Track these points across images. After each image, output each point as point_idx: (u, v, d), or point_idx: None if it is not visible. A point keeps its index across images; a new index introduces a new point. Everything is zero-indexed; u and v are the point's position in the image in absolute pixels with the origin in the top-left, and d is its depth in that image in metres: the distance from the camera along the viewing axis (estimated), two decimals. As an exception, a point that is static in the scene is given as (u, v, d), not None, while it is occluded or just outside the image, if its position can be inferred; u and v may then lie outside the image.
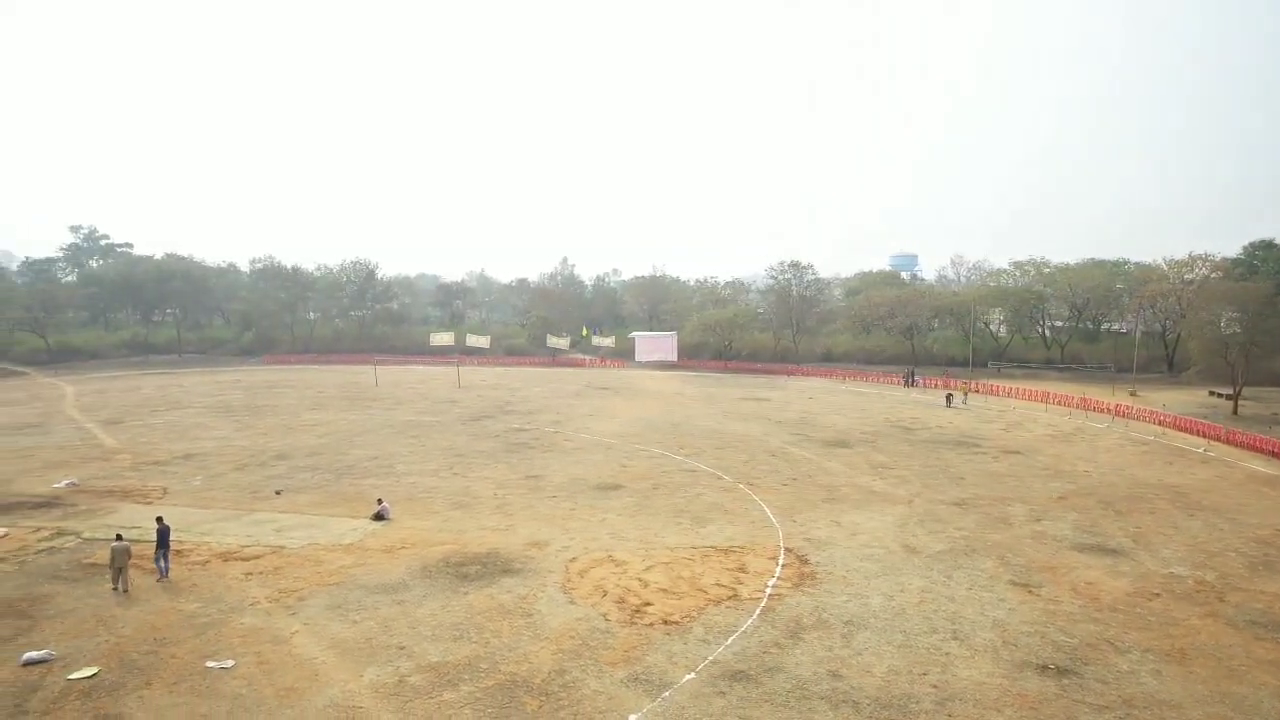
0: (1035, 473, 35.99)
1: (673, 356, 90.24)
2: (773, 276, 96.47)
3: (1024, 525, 27.74)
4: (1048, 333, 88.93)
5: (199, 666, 16.94)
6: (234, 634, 18.63)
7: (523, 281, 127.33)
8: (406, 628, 18.86)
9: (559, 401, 60.42)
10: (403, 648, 17.78)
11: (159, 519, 23.17)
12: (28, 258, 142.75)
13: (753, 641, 18.10)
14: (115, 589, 21.41)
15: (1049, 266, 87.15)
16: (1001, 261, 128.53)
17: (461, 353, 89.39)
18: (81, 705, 15.42)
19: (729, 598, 20.73)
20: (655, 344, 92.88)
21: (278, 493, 32.29)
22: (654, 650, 17.60)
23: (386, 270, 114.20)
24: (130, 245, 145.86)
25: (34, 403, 62.84)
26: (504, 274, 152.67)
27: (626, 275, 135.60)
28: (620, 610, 19.84)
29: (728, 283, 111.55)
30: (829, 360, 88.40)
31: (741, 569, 22.97)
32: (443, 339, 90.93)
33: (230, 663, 17.07)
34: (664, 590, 21.23)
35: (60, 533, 26.82)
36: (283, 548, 25.07)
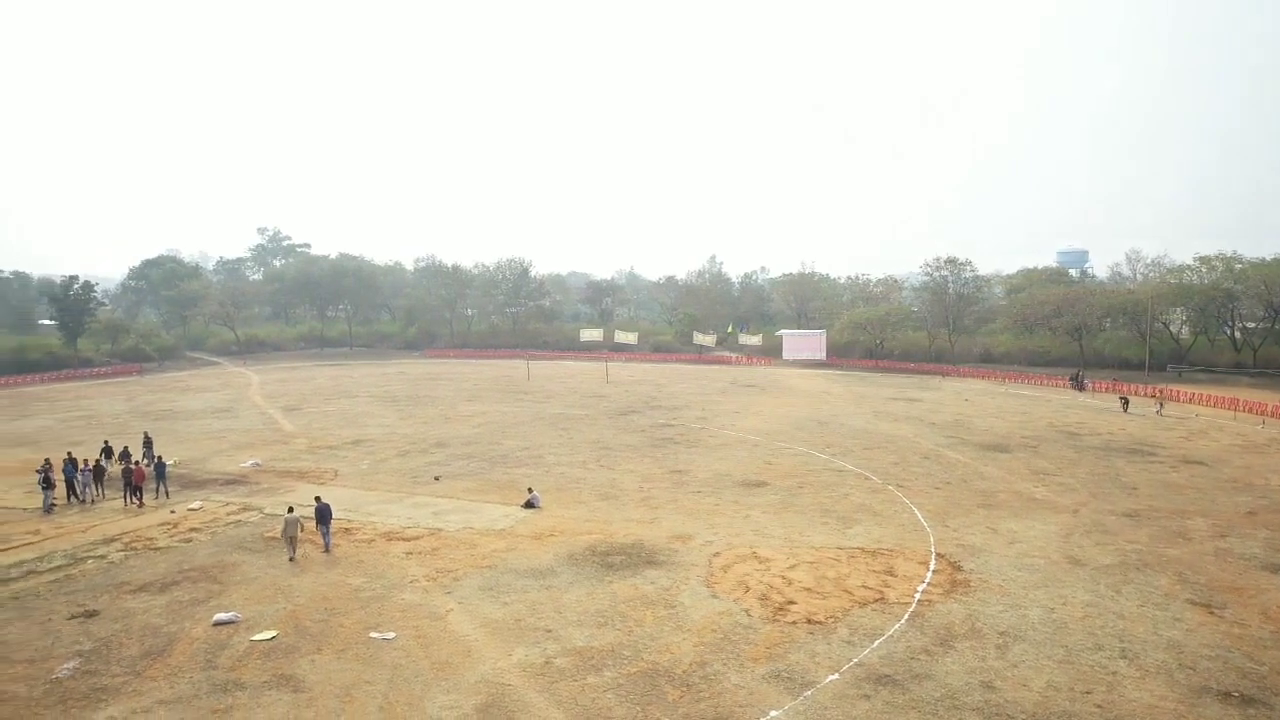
0: (1220, 485, 33.09)
1: (821, 355, 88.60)
2: (928, 273, 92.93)
3: (1205, 541, 25.55)
4: (1238, 334, 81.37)
5: (363, 636, 18.08)
6: (395, 608, 19.76)
7: (670, 279, 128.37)
8: (553, 612, 19.44)
9: (704, 398, 60.56)
10: (550, 631, 18.35)
11: (317, 498, 25.27)
12: (222, 258, 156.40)
13: (900, 646, 17.57)
14: (290, 557, 23.39)
15: (1241, 262, 79.60)
16: (1184, 257, 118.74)
17: (610, 349, 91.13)
18: (261, 664, 16.78)
19: (875, 600, 20.19)
20: (803, 342, 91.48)
21: (436, 479, 33.98)
22: (796, 649, 17.39)
23: (539, 269, 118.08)
24: (308, 245, 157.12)
25: (225, 390, 68.77)
26: (652, 272, 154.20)
27: (774, 273, 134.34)
28: (763, 607, 19.71)
29: (880, 280, 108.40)
30: (987, 361, 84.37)
31: (889, 572, 22.32)
32: (592, 335, 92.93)
33: (392, 635, 18.12)
34: (808, 589, 20.92)
35: (246, 508, 29.25)
36: (440, 530, 26.37)
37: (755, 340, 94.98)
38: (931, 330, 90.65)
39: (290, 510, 24.70)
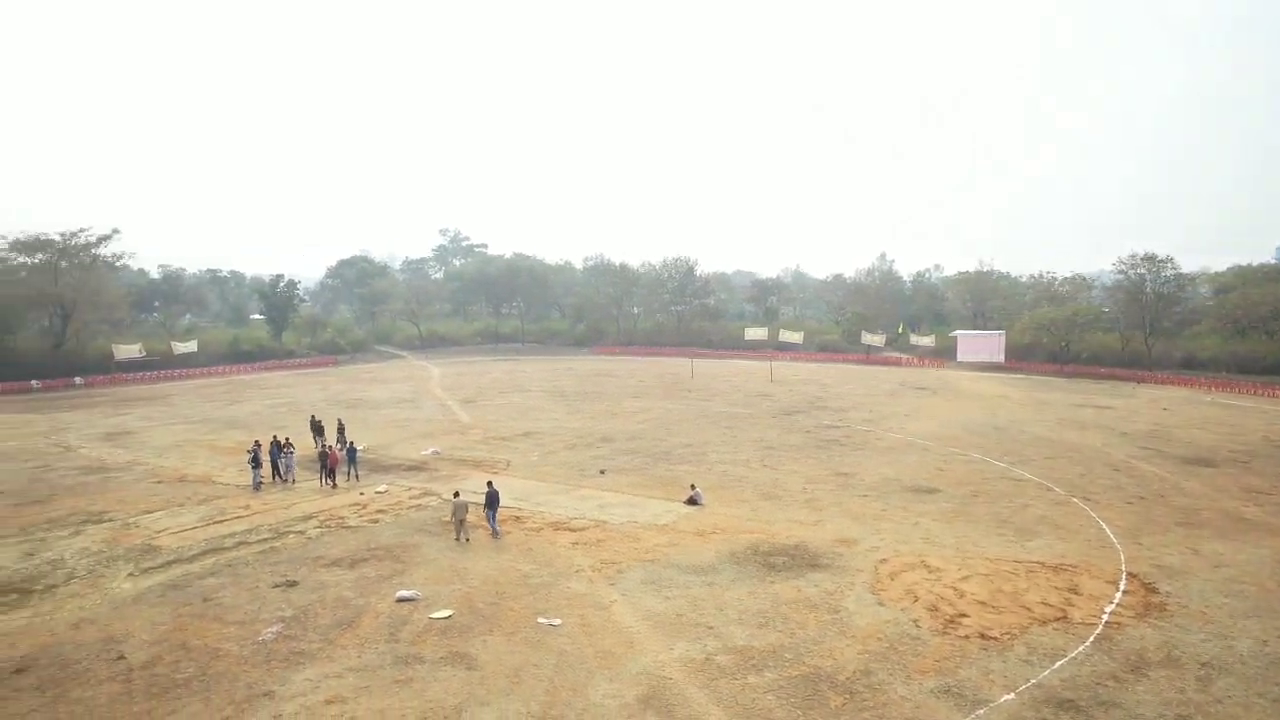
0: None
1: (999, 357, 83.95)
2: (1121, 271, 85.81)
3: None
4: None
5: (531, 621, 18.78)
6: (561, 596, 20.40)
7: (838, 277, 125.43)
8: (714, 609, 19.47)
9: (872, 400, 58.84)
10: (711, 628, 18.39)
11: (489, 484, 26.66)
12: (407, 258, 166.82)
13: (1084, 670, 16.41)
14: (458, 539, 24.81)
15: None
16: None
17: (774, 348, 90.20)
18: (438, 641, 17.77)
19: (1057, 619, 18.95)
20: (980, 343, 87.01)
21: (602, 472, 34.80)
22: (968, 664, 16.60)
23: (704, 267, 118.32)
24: (485, 245, 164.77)
25: (408, 381, 73.22)
26: (819, 270, 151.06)
27: (949, 271, 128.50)
28: (932, 618, 18.93)
29: (1066, 278, 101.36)
30: (1189, 367, 77.27)
31: (1073, 590, 20.89)
32: (756, 334, 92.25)
33: (558, 621, 18.73)
34: (982, 603, 19.92)
35: (426, 493, 31.04)
36: (605, 523, 26.99)
37: (927, 341, 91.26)
38: (1125, 332, 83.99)
39: (457, 495, 26.34)
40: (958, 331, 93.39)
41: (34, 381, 71.53)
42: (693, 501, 29.31)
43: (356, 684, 15.81)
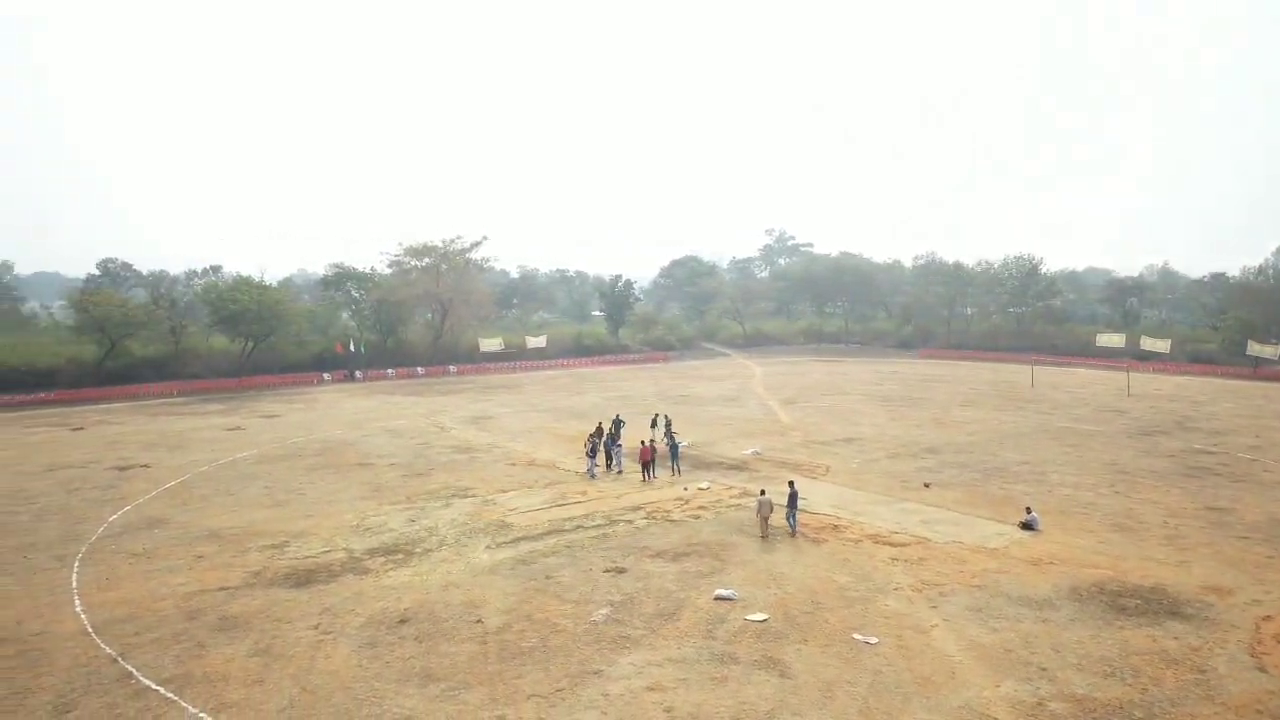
0: None
1: None
2: None
3: None
4: None
5: (846, 636, 18.49)
6: (878, 613, 19.86)
7: (1218, 277, 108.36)
8: (1049, 649, 17.84)
9: (1258, 421, 50.17)
10: (1044, 669, 16.87)
11: (790, 483, 27.20)
12: (734, 257, 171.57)
13: None
14: (762, 535, 25.69)
15: None
16: None
17: (1133, 357, 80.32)
18: (753, 644, 18.13)
19: None
20: None
21: (926, 485, 33.28)
22: (1384, 760, 13.66)
23: (1050, 265, 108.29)
24: (811, 244, 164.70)
25: (731, 379, 75.29)
26: (1192, 268, 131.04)
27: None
28: (1334, 696, 15.82)
29: None
30: None
31: None
32: (1111, 340, 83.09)
33: (874, 639, 18.26)
34: (1407, 686, 16.26)
35: (745, 493, 31.70)
36: (928, 540, 25.80)
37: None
38: None
39: (762, 493, 27.27)
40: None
41: (419, 369, 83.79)
42: (1028, 526, 27.04)
43: (675, 675, 16.63)
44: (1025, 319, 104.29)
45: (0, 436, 48.42)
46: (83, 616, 20.25)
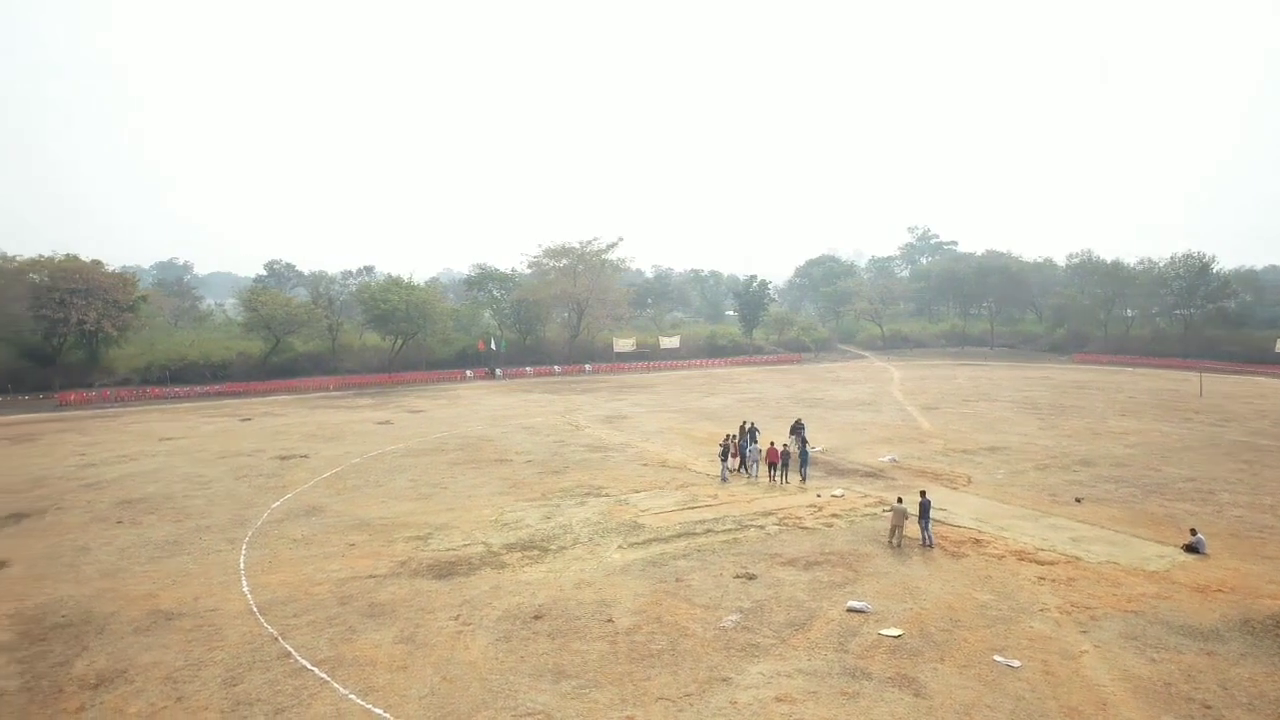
0: None
1: None
2: None
3: None
4: None
5: (986, 658, 17.69)
6: (1022, 635, 18.91)
7: None
8: (1217, 685, 16.50)
9: None
10: (1209, 708, 15.62)
11: (922, 493, 26.74)
12: (873, 256, 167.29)
13: None
14: (892, 543, 25.40)
15: None
16: None
17: (1321, 365, 73.22)
18: (887, 660, 17.62)
19: None
20: None
21: (1078, 500, 31.41)
22: None
23: (1223, 263, 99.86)
24: (955, 243, 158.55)
25: (868, 383, 73.38)
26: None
27: None
28: None
29: None
30: None
31: None
32: (1294, 347, 75.78)
33: (1017, 663, 17.39)
34: None
35: (881, 502, 30.83)
36: (1079, 559, 24.35)
37: None
38: None
39: (899, 501, 26.69)
40: None
41: (556, 367, 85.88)
42: (1192, 549, 25.08)
43: (805, 687, 16.38)
44: (1194, 322, 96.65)
45: (182, 424, 52.84)
46: (249, 596, 21.85)
